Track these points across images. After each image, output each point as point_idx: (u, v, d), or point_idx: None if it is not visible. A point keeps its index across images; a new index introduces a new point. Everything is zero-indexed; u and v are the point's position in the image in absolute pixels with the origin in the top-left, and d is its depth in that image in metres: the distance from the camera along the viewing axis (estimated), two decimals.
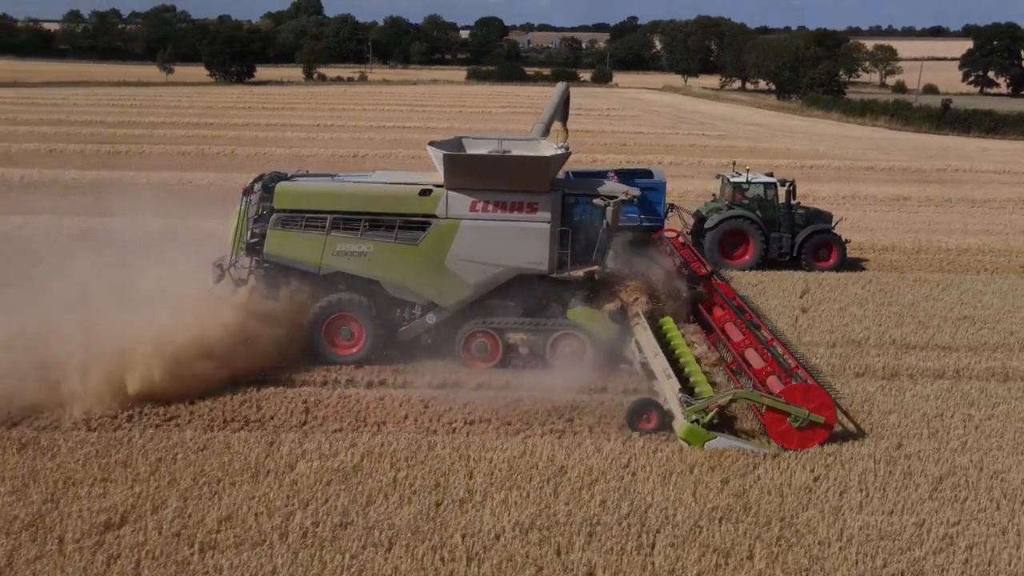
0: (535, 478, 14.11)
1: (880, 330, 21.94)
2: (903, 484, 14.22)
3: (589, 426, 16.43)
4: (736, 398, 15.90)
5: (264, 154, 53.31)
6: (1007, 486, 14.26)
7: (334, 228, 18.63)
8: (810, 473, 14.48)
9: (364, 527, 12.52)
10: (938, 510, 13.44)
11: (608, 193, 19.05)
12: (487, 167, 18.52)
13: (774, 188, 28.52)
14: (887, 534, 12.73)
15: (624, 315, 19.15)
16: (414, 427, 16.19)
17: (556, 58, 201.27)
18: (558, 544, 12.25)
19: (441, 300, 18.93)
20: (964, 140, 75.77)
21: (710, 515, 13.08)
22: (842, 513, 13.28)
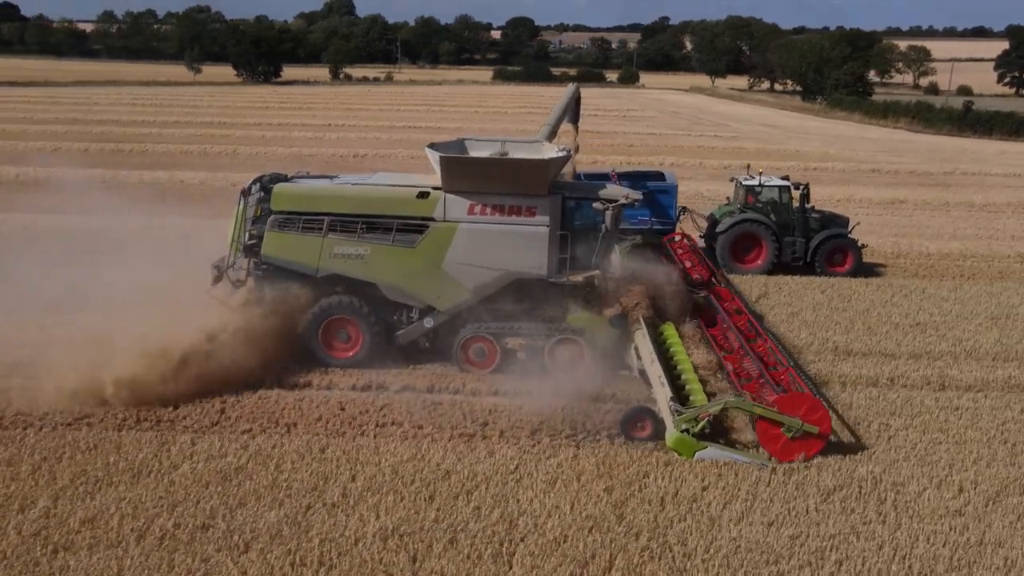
0: (416, 483, 13.98)
1: (824, 336, 21.54)
2: (793, 495, 13.89)
3: (501, 430, 16.24)
4: (728, 407, 15.52)
5: (265, 154, 53.63)
6: (902, 498, 13.88)
7: (331, 230, 18.50)
8: (700, 482, 14.21)
9: (225, 530, 12.45)
10: (820, 523, 13.10)
11: (609, 197, 18.76)
12: (485, 170, 18.33)
13: (788, 191, 27.96)
14: (757, 547, 12.43)
15: (625, 321, 18.76)
16: (324, 429, 16.09)
17: (586, 58, 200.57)
18: (415, 551, 12.10)
19: (439, 304, 18.75)
20: (984, 143, 74.36)
21: (581, 524, 12.86)
22: (719, 524, 12.99)
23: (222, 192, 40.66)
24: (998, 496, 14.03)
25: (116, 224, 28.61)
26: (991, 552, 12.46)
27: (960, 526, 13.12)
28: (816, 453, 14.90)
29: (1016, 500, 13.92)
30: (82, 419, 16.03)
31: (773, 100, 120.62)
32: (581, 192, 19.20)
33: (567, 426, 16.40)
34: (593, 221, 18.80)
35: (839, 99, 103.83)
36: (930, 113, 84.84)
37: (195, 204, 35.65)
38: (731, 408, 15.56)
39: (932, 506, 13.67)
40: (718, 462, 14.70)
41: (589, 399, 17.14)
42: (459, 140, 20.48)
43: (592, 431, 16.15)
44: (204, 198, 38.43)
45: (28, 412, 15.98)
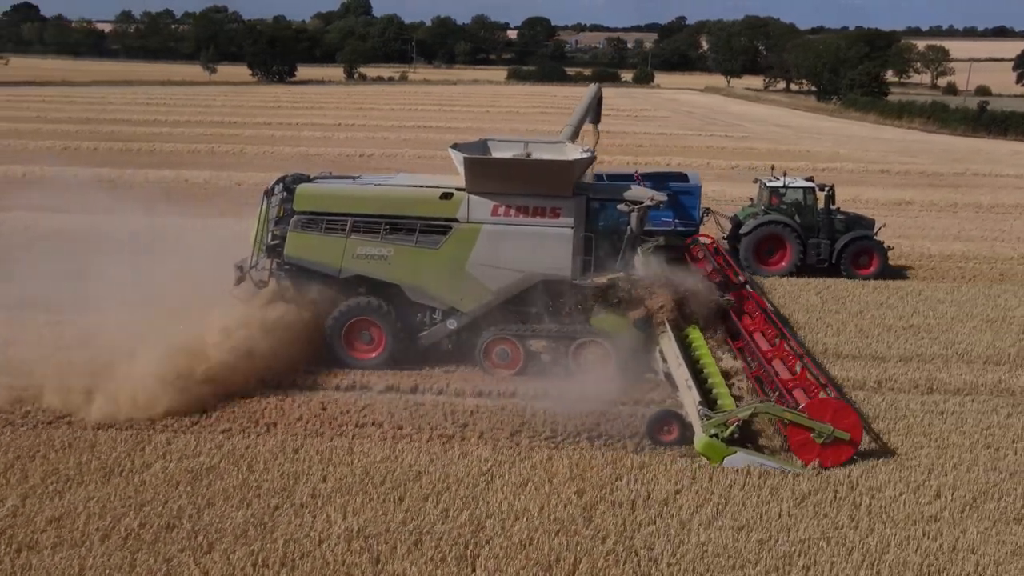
0: (386, 484, 13.93)
1: (815, 338, 21.37)
2: (766, 499, 13.75)
3: (481, 431, 16.19)
4: (757, 412, 15.30)
5: (272, 153, 53.79)
6: (877, 503, 13.71)
7: (354, 231, 18.49)
8: (673, 485, 14.10)
9: (190, 530, 12.44)
10: (791, 527, 12.96)
11: (634, 198, 18.62)
12: (509, 171, 18.27)
13: (813, 193, 27.62)
14: (725, 551, 12.30)
15: (649, 323, 18.56)
16: (303, 429, 16.09)
17: (601, 58, 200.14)
18: (379, 552, 12.05)
19: (462, 305, 18.64)
20: (999, 143, 73.63)
21: (548, 527, 12.77)
22: (688, 528, 12.87)
23: (226, 191, 40.99)
24: (975, 501, 13.84)
25: (110, 223, 28.81)
26: (962, 558, 12.28)
27: (934, 531, 12.95)
28: (847, 460, 14.71)
29: (993, 505, 13.73)
30: (63, 418, 16.05)
31: (788, 100, 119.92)
32: (606, 193, 19.01)
33: (547, 428, 16.34)
34: (617, 223, 18.65)
35: (854, 99, 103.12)
36: (945, 113, 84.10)
37: (197, 203, 35.80)
38: (760, 413, 15.36)
39: (907, 511, 13.49)
40: (749, 467, 14.59)
41: (609, 402, 17.05)
42: (482, 141, 20.37)
43: (572, 433, 16.05)
44: (207, 197, 38.68)
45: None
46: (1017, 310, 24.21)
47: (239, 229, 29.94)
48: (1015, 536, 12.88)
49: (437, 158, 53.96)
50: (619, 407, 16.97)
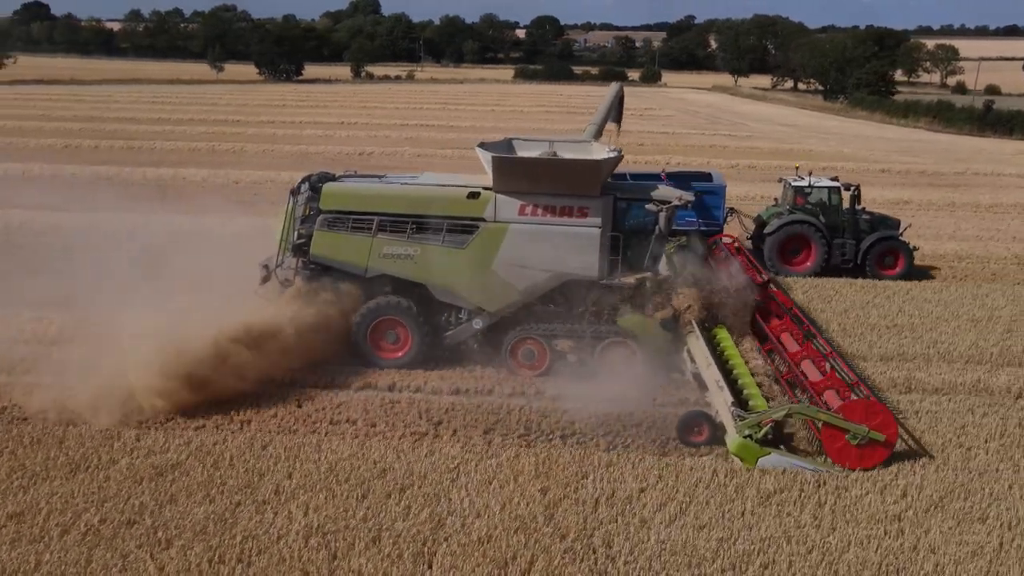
0: (351, 481, 13.95)
1: None
2: (731, 497, 13.72)
3: (455, 429, 16.22)
4: (791, 413, 15.19)
5: (272, 151, 53.85)
6: (842, 502, 13.66)
7: (381, 230, 18.46)
8: (639, 484, 14.09)
9: (150, 527, 12.48)
10: (753, 526, 12.93)
11: (661, 198, 18.55)
12: (537, 170, 18.14)
13: (838, 192, 27.44)
14: (683, 549, 12.28)
15: (676, 324, 18.45)
16: (277, 426, 16.12)
17: (609, 57, 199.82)
18: (336, 549, 12.06)
19: (488, 305, 18.59)
20: (1004, 142, 73.20)
21: (508, 525, 12.76)
22: (649, 526, 12.86)
23: (222, 189, 41.07)
24: (942, 501, 13.77)
25: (102, 221, 29.07)
26: (922, 558, 12.24)
27: (895, 531, 12.90)
28: (882, 461, 14.63)
29: (959, 505, 13.66)
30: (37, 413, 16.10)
31: (795, 99, 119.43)
32: (633, 193, 18.90)
33: (521, 426, 16.35)
34: (644, 222, 18.56)
35: (860, 98, 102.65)
36: (950, 113, 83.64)
37: (191, 201, 35.78)
38: (795, 414, 15.24)
39: (871, 510, 13.43)
40: (783, 468, 14.53)
41: (636, 403, 16.99)
42: (507, 140, 20.25)
43: (546, 432, 16.05)
44: (203, 195, 38.62)
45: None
46: (1004, 309, 24.08)
47: (211, 226, 30.61)
48: (977, 536, 12.81)
49: (436, 157, 54.22)
50: (646, 407, 16.99)
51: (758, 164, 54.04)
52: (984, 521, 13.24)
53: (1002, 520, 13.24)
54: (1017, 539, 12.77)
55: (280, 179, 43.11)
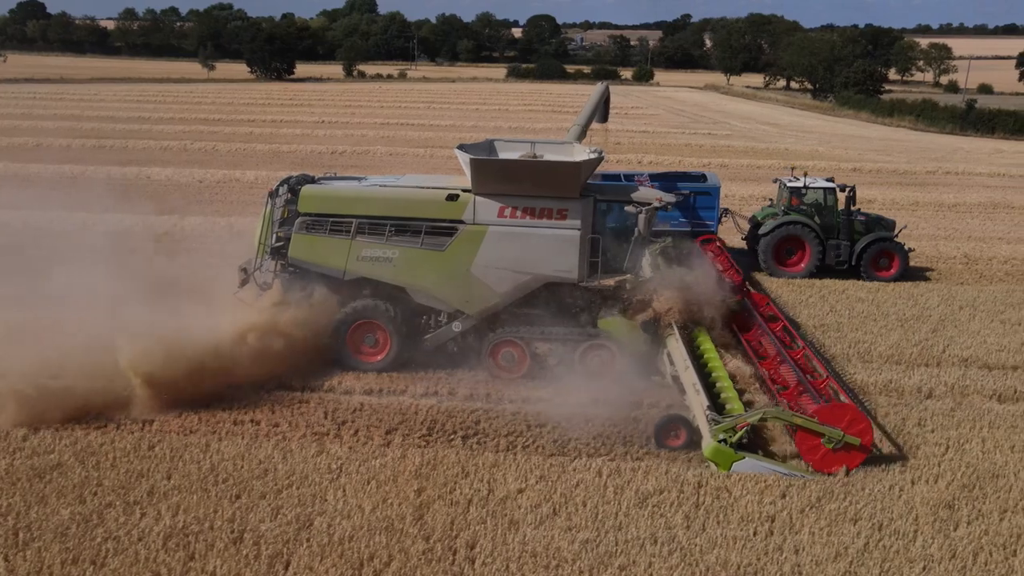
0: (229, 481, 13.92)
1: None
2: (608, 499, 13.69)
3: (357, 429, 16.20)
4: (767, 417, 15.03)
5: (243, 150, 53.80)
6: (718, 503, 13.60)
7: (359, 233, 18.31)
8: (519, 484, 14.05)
9: (11, 528, 12.43)
10: (622, 527, 12.89)
11: (641, 199, 18.45)
12: (515, 172, 18.04)
13: (833, 193, 27.34)
14: (546, 550, 12.25)
15: (657, 326, 18.40)
16: (180, 427, 15.99)
17: (604, 56, 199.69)
18: (194, 550, 12.03)
19: (467, 308, 18.48)
20: (984, 141, 73.15)
21: (374, 525, 12.74)
22: (518, 527, 12.82)
23: (185, 187, 41.14)
24: (819, 502, 13.71)
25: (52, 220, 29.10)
26: (784, 558, 12.20)
27: (765, 532, 12.86)
28: (858, 464, 14.51)
29: (835, 506, 13.60)
30: None
31: (784, 98, 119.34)
32: (613, 195, 18.79)
33: (425, 426, 16.34)
34: (625, 224, 18.49)
35: (847, 97, 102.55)
36: (934, 112, 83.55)
37: (150, 200, 35.76)
38: (770, 418, 15.10)
39: (746, 511, 13.39)
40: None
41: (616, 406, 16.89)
42: (488, 141, 20.15)
43: (448, 432, 16.03)
44: (164, 194, 38.66)
45: None
46: (937, 309, 24.05)
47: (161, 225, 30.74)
48: (845, 536, 12.77)
49: (408, 156, 54.26)
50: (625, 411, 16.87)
51: (730, 163, 54.12)
52: (856, 522, 13.19)
53: (874, 521, 13.20)
54: (885, 539, 12.73)
55: (245, 178, 43.31)
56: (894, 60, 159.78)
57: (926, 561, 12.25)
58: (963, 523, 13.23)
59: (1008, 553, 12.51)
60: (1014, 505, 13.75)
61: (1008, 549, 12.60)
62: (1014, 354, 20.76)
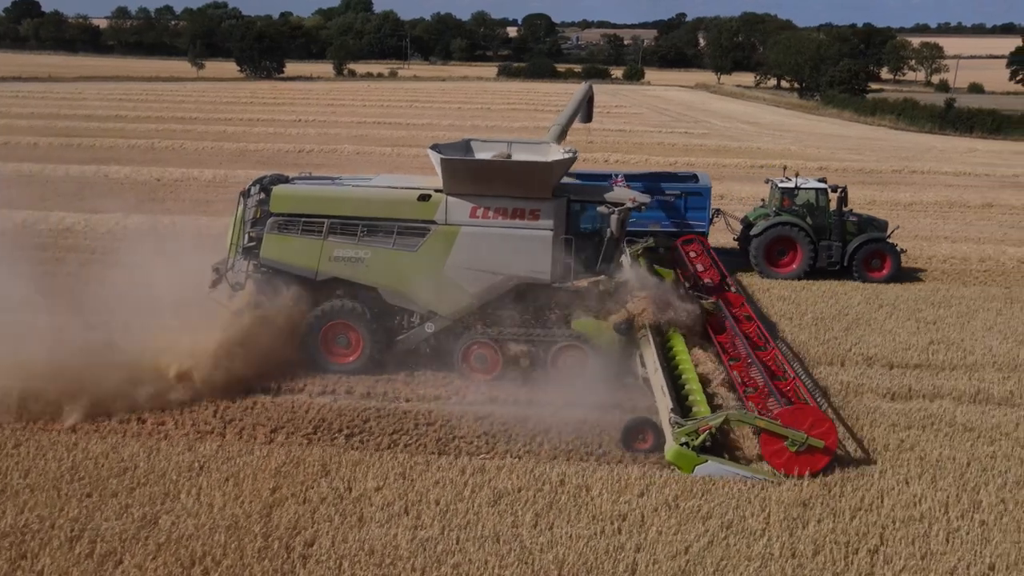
0: (84, 479, 13.90)
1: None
2: (463, 496, 13.66)
3: (242, 428, 16.23)
4: (729, 420, 14.91)
5: (209, 149, 53.87)
6: (574, 502, 13.57)
7: (331, 233, 18.21)
8: (377, 482, 14.03)
9: None
10: (469, 525, 12.85)
11: (614, 200, 18.31)
12: (487, 172, 17.97)
13: (825, 194, 27.16)
14: (384, 548, 12.21)
15: (631, 327, 18.21)
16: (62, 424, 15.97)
17: (598, 55, 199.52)
18: (27, 550, 11.98)
19: (440, 309, 18.36)
20: (961, 140, 73.01)
21: (216, 524, 12.70)
22: (364, 525, 12.81)
23: (140, 185, 41.18)
24: (676, 500, 13.67)
25: None
26: (622, 557, 12.15)
27: (612, 530, 12.83)
28: (822, 468, 14.36)
29: (691, 504, 13.53)
30: None
31: (771, 97, 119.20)
32: (586, 195, 18.61)
33: (311, 425, 16.33)
34: (598, 225, 18.38)
35: (832, 96, 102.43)
36: (914, 111, 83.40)
37: (100, 198, 35.87)
38: (733, 421, 14.99)
39: (600, 509, 13.36)
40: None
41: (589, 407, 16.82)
42: (464, 141, 20.07)
43: (333, 431, 15.98)
44: (117, 192, 38.71)
45: None
46: (858, 307, 23.99)
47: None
48: (690, 535, 12.72)
49: (375, 154, 54.23)
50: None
51: (696, 161, 54.01)
52: (707, 520, 13.14)
53: (725, 519, 13.15)
54: (731, 537, 12.68)
55: (203, 177, 43.35)
56: (887, 59, 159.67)
57: (764, 559, 12.21)
58: (813, 522, 13.17)
59: (849, 551, 12.45)
60: (869, 504, 13.67)
61: (850, 547, 12.54)
62: (919, 352, 20.68)
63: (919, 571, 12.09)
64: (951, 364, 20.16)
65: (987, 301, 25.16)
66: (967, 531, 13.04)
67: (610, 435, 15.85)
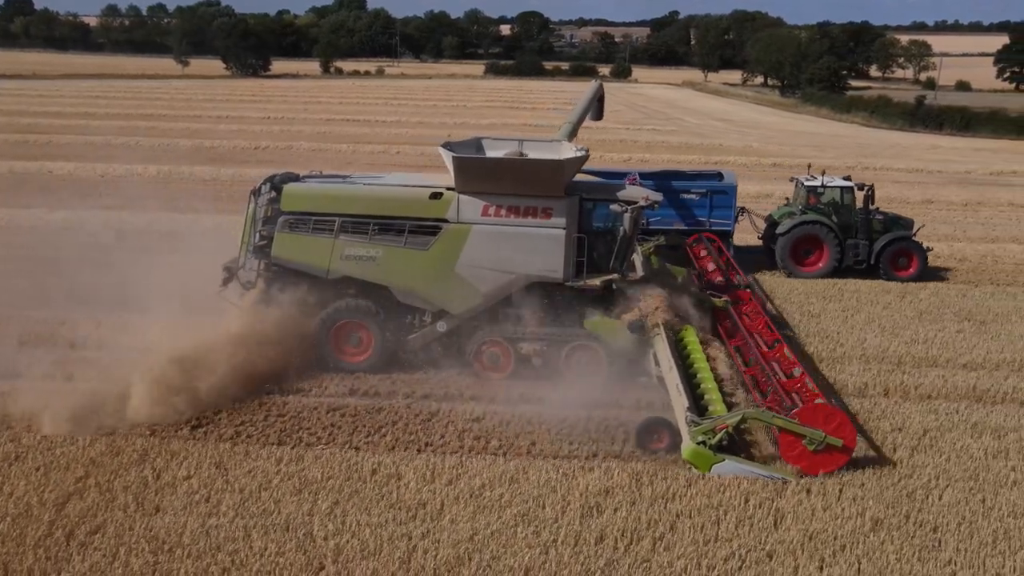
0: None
1: None
2: (272, 487, 13.71)
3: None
4: (747, 419, 14.70)
5: (164, 145, 53.93)
6: (383, 492, 13.63)
7: (343, 231, 18.09)
8: (187, 472, 14.10)
9: None
10: (265, 513, 12.93)
11: (628, 198, 18.21)
12: (499, 170, 17.87)
13: (851, 192, 27.01)
14: (164, 536, 12.22)
15: (644, 326, 17.99)
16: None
17: (589, 53, 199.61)
18: None
19: (451, 307, 18.21)
20: (928, 137, 72.99)
21: (7, 512, 12.78)
22: (161, 514, 12.86)
23: (81, 182, 41.17)
24: (481, 489, 13.69)
25: None
26: (396, 544, 12.22)
27: (405, 518, 12.85)
28: (840, 467, 14.24)
29: (493, 493, 13.57)
30: None
31: (753, 95, 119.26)
32: (599, 193, 18.48)
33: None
34: (611, 223, 18.30)
35: (811, 94, 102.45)
36: (887, 108, 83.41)
37: (33, 195, 36.09)
38: (750, 420, 14.82)
39: (400, 499, 13.42)
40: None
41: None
42: (475, 139, 19.97)
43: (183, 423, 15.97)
44: (56, 188, 38.78)
45: None
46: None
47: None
48: (479, 524, 12.75)
49: (331, 151, 54.34)
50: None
51: (651, 158, 54.32)
52: (505, 508, 13.19)
53: (523, 508, 13.21)
54: (521, 525, 12.72)
55: (147, 173, 43.54)
56: (875, 56, 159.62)
57: (545, 546, 12.24)
58: (609, 510, 13.22)
59: (634, 538, 12.48)
60: (674, 494, 13.72)
61: (636, 534, 12.58)
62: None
63: (697, 556, 12.13)
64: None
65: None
66: (760, 519, 13.09)
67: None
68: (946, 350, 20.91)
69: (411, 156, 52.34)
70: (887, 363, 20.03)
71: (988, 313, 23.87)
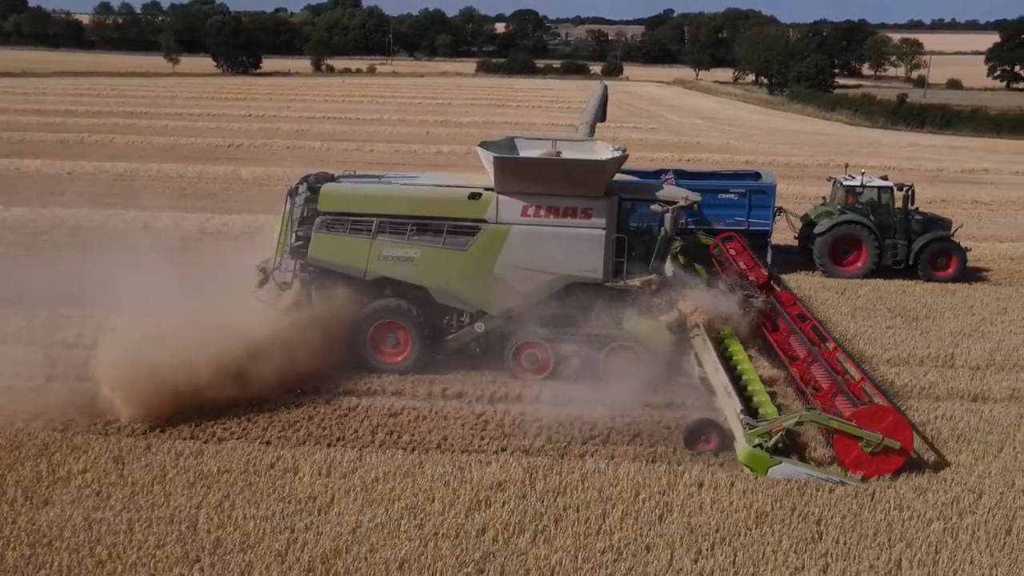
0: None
1: None
2: (162, 480, 13.79)
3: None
4: (803, 420, 14.58)
5: (138, 143, 54.03)
6: (277, 485, 13.69)
7: (380, 232, 18.04)
8: (84, 466, 14.14)
9: None
10: (150, 507, 12.96)
11: (667, 198, 18.15)
12: (540, 171, 17.76)
13: (890, 192, 26.84)
14: (35, 529, 12.31)
15: (683, 327, 17.99)
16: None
17: (582, 51, 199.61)
18: None
19: (490, 308, 18.16)
20: (908, 135, 72.93)
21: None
22: (50, 507, 12.94)
23: (47, 178, 41.26)
24: (374, 483, 13.77)
25: None
26: (279, 536, 12.27)
27: (293, 511, 12.91)
28: (897, 469, 14.11)
29: (389, 486, 13.62)
30: None
31: (742, 93, 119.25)
32: (639, 193, 18.43)
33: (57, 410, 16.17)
34: (650, 223, 18.24)
35: (798, 92, 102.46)
36: (871, 106, 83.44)
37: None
38: (806, 422, 14.68)
39: (292, 492, 13.47)
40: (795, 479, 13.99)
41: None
42: (508, 139, 19.85)
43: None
44: (20, 186, 38.85)
45: None
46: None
47: None
48: (364, 516, 12.79)
49: (303, 148, 54.35)
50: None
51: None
52: (394, 502, 13.23)
53: (412, 502, 13.27)
54: (406, 518, 12.78)
55: (114, 170, 43.59)
56: (867, 55, 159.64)
57: (423, 539, 12.28)
58: (497, 504, 13.27)
59: (515, 531, 12.54)
60: (566, 487, 13.78)
61: (518, 527, 12.64)
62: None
63: (575, 549, 12.19)
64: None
65: None
66: (646, 513, 13.15)
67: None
68: (872, 345, 20.93)
69: (384, 154, 52.40)
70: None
71: (922, 309, 23.86)
